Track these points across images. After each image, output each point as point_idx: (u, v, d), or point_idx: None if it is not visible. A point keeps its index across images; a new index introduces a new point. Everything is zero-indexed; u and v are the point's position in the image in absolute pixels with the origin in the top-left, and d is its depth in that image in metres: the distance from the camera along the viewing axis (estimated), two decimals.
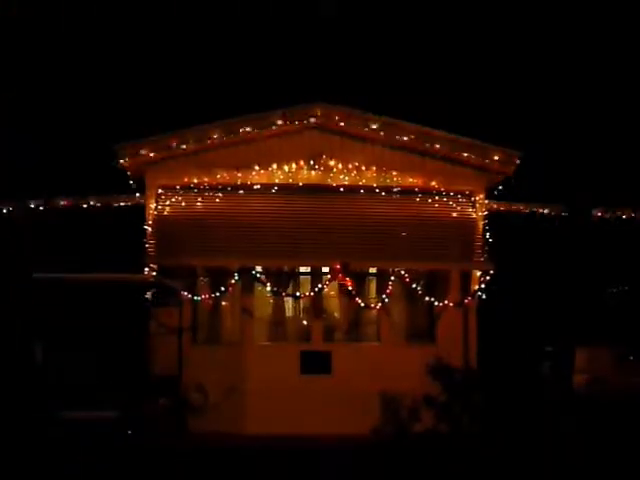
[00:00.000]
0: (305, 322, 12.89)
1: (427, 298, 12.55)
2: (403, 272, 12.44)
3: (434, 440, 10.42)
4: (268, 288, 12.40)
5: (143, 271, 11.91)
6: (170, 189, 12.53)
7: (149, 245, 12.24)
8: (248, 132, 12.50)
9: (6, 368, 10.77)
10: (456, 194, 12.93)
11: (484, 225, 12.79)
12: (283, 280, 12.80)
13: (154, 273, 11.89)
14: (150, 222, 12.36)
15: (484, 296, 12.60)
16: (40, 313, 10.64)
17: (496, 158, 12.75)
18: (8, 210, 12.99)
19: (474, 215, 12.89)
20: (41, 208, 13.03)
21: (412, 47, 19.84)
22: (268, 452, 10.56)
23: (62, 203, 13.11)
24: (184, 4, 19.71)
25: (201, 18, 20.14)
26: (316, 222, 12.56)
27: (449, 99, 18.36)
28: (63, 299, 10.79)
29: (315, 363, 12.43)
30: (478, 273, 12.65)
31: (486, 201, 13.05)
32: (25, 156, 15.62)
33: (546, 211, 13.55)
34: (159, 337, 11.71)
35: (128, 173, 12.70)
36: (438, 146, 12.74)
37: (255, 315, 12.74)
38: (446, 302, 12.57)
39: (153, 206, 12.44)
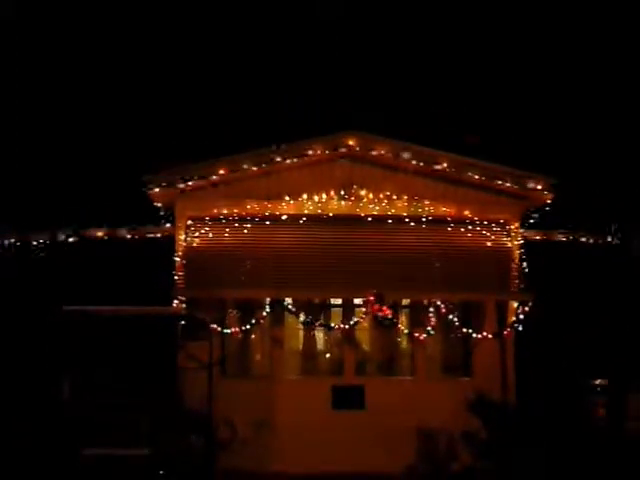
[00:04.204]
0: (333, 355, 12.58)
1: (465, 330, 12.21)
2: (439, 303, 12.14)
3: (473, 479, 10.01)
4: (301, 318, 12.13)
5: (172, 303, 11.75)
6: (199, 220, 12.38)
7: (178, 277, 12.06)
8: (278, 162, 12.35)
9: (33, 404, 10.59)
10: (490, 223, 12.64)
11: (520, 254, 12.47)
12: (314, 312, 12.54)
13: (183, 305, 11.70)
14: (179, 254, 12.20)
15: (520, 328, 12.25)
16: (68, 347, 10.46)
17: (532, 186, 12.42)
18: (37, 242, 12.93)
19: (509, 244, 12.57)
20: (70, 240, 12.97)
21: (446, 78, 19.69)
22: None
23: (90, 234, 13.03)
24: (218, 36, 19.90)
25: (231, 47, 20.27)
26: (347, 253, 12.30)
27: (483, 126, 18.14)
28: (91, 332, 10.61)
29: (347, 398, 12.07)
30: (515, 304, 12.32)
31: (521, 230, 12.76)
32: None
33: (585, 239, 13.19)
34: (189, 371, 11.46)
35: (157, 204, 12.61)
36: (471, 174, 12.48)
37: (285, 348, 12.48)
38: (485, 334, 12.22)
39: (183, 237, 12.29)
